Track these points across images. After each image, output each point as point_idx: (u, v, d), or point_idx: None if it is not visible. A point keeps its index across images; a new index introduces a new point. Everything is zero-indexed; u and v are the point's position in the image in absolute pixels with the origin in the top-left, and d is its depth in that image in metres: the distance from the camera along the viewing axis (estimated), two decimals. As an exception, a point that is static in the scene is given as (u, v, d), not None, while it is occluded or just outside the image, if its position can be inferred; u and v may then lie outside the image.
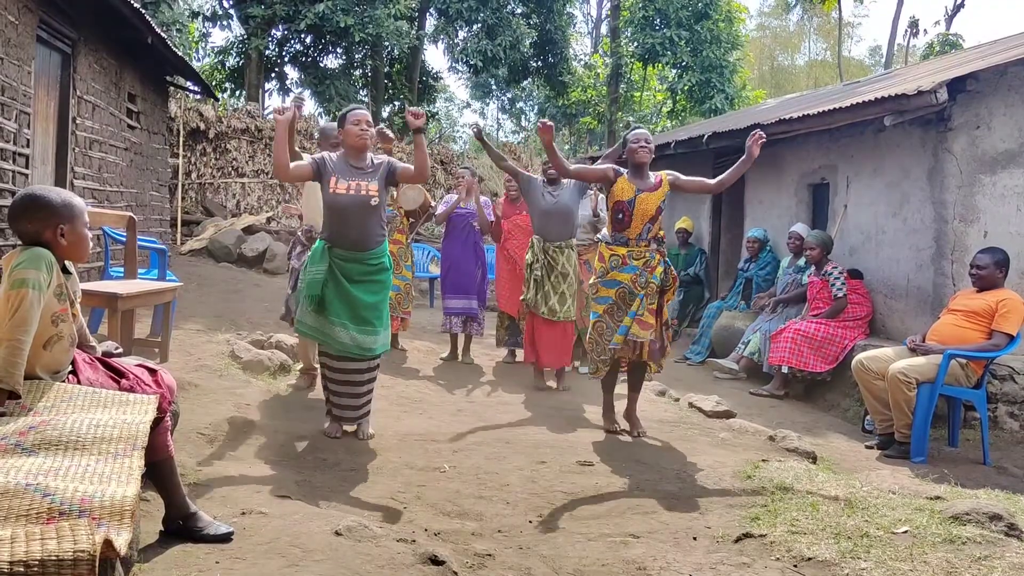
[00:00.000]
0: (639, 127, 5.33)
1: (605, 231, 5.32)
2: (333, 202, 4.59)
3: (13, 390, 2.56)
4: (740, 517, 3.75)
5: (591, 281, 5.28)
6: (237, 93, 21.07)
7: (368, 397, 4.78)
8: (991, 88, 6.64)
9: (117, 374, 2.94)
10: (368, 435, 4.72)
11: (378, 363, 4.84)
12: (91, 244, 2.93)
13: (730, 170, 5.33)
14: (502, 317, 7.49)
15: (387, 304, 4.83)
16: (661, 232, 5.21)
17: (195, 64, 17.29)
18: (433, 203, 7.83)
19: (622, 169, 5.17)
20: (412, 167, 4.68)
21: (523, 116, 35.01)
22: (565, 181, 6.55)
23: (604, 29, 29.77)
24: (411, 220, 7.40)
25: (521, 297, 6.69)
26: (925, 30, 25.26)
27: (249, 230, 13.84)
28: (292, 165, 4.57)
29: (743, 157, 5.18)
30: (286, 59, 20.28)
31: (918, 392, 5.42)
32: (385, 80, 21.57)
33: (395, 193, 6.88)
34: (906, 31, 25.36)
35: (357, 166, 4.67)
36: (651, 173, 5.20)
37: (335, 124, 5.08)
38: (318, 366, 5.01)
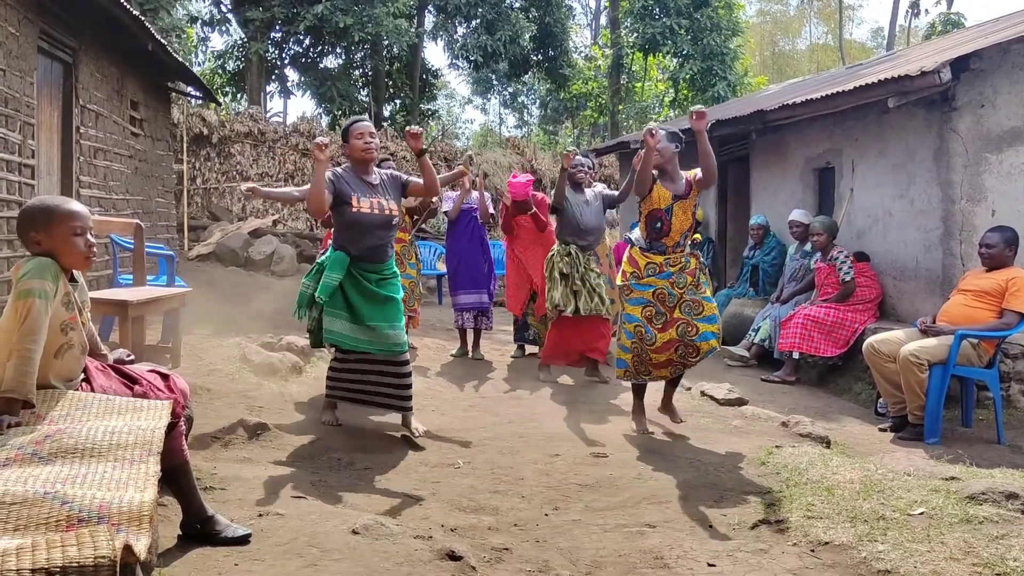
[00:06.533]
0: (678, 135, 4.99)
1: (638, 233, 5.07)
2: (357, 220, 4.67)
3: (26, 400, 2.57)
4: (756, 504, 3.75)
5: (619, 283, 5.11)
6: (239, 97, 21.11)
7: (407, 392, 4.85)
8: (995, 66, 6.59)
9: (130, 380, 2.95)
10: (419, 431, 4.78)
11: (407, 357, 4.89)
12: (95, 252, 2.92)
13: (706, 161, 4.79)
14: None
15: (399, 300, 4.92)
16: (697, 236, 5.02)
17: (195, 69, 17.31)
18: (435, 200, 7.83)
19: (655, 174, 4.92)
20: (421, 182, 4.84)
21: (525, 110, 34.98)
22: (595, 186, 6.61)
23: (603, 20, 29.69)
24: (414, 217, 7.40)
25: (547, 304, 6.71)
26: (927, 10, 25.10)
27: (255, 233, 13.88)
28: (300, 192, 4.80)
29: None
30: (286, 61, 20.29)
31: (930, 373, 5.41)
32: (386, 79, 21.57)
33: None
34: (907, 12, 25.28)
35: (370, 182, 4.76)
36: (681, 173, 4.96)
37: None
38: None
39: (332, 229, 6.07)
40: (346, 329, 4.70)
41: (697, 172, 4.90)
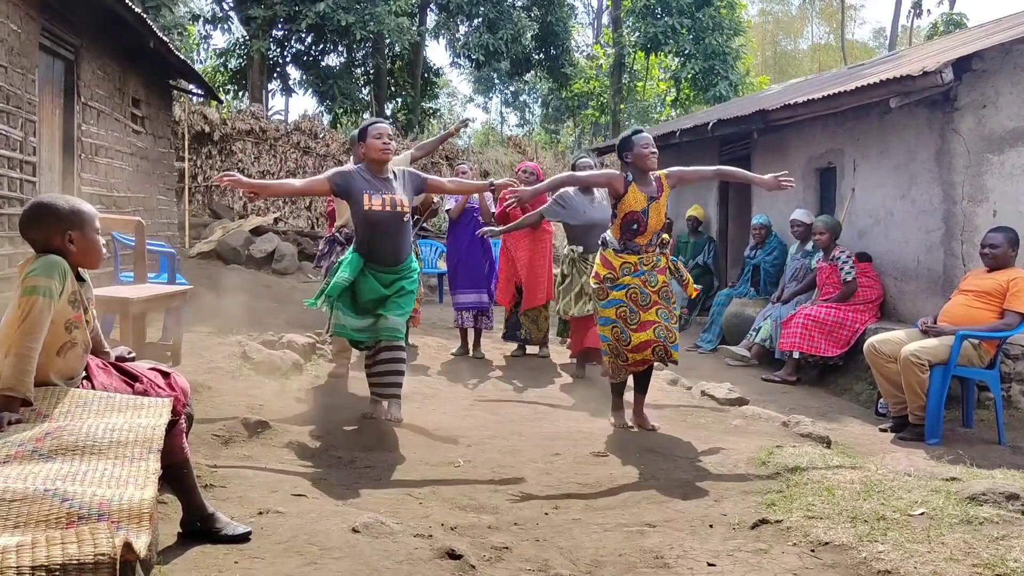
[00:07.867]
0: (640, 130, 5.17)
1: (610, 236, 5.10)
2: (368, 218, 4.75)
3: (25, 398, 2.57)
4: (756, 503, 3.75)
5: (594, 285, 5.14)
6: (240, 95, 21.11)
7: (394, 378, 4.91)
8: (997, 66, 6.59)
9: (131, 378, 2.96)
10: (395, 417, 4.86)
11: (402, 344, 4.94)
12: (104, 250, 2.93)
13: (739, 173, 5.40)
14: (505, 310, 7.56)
15: (415, 294, 5.00)
16: (666, 235, 5.14)
17: (197, 67, 17.31)
18: (437, 199, 7.83)
19: (630, 176, 5.04)
20: (446, 182, 5.01)
21: (527, 109, 34.98)
22: (597, 190, 6.63)
23: (605, 19, 29.68)
24: (415, 216, 7.39)
25: (557, 308, 6.84)
26: (928, 10, 25.00)
27: (257, 231, 13.87)
28: (302, 183, 4.93)
29: (760, 178, 5.10)
30: (288, 59, 20.29)
31: (931, 374, 5.40)
32: (387, 77, 21.57)
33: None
34: (909, 12, 25.19)
35: (383, 178, 4.84)
36: (652, 174, 5.09)
37: None
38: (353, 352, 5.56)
39: (333, 221, 6.10)
40: (350, 324, 4.82)
41: (669, 170, 5.14)
